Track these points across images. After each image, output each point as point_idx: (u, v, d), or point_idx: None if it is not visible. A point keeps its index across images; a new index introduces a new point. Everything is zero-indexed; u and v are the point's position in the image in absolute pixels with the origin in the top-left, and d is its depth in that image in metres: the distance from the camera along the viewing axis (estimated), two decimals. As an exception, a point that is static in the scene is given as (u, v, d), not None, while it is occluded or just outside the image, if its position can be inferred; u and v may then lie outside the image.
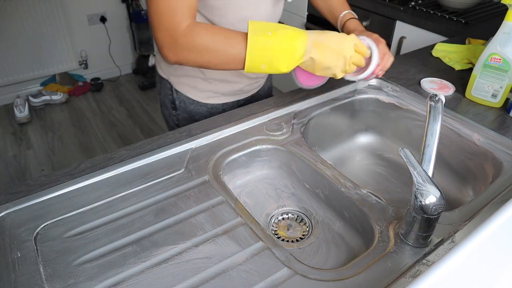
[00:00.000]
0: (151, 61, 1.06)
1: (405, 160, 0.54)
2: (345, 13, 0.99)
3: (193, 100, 0.99)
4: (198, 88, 0.97)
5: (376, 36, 0.90)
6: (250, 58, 0.70)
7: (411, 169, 0.53)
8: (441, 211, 0.54)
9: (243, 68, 0.72)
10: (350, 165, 0.99)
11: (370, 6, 1.87)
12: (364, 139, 1.05)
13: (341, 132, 1.02)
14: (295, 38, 0.70)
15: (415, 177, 0.53)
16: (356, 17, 1.00)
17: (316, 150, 0.98)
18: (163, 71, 0.99)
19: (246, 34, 0.70)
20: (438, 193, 0.53)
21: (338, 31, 0.90)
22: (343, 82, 1.02)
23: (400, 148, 0.55)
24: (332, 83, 1.03)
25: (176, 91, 0.98)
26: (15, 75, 2.69)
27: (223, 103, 1.01)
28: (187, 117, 1.02)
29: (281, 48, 0.70)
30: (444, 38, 1.51)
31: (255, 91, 1.10)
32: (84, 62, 2.96)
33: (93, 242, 0.59)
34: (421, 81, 1.04)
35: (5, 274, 0.54)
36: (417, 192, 0.54)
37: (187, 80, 0.96)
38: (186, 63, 0.73)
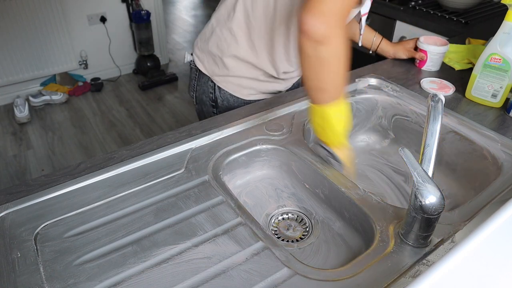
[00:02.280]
0: (187, 58, 1.05)
1: (405, 160, 0.54)
2: (375, 38, 1.15)
3: (236, 98, 1.03)
4: (243, 86, 1.02)
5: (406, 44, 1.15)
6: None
7: (411, 169, 0.53)
8: (441, 211, 0.54)
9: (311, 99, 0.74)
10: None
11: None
12: (364, 139, 1.05)
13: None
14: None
15: (415, 177, 0.53)
16: (381, 37, 1.16)
17: (316, 150, 0.98)
18: (207, 70, 1.02)
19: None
20: (438, 193, 0.53)
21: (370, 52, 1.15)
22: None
23: (400, 148, 0.55)
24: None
25: (219, 89, 1.02)
26: (15, 75, 2.69)
27: (261, 99, 1.06)
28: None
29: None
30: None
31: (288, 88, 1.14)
32: (84, 62, 2.96)
33: (93, 242, 0.59)
34: (421, 81, 1.04)
35: (5, 274, 0.54)
36: (417, 192, 0.54)
37: (232, 79, 1.01)
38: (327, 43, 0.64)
